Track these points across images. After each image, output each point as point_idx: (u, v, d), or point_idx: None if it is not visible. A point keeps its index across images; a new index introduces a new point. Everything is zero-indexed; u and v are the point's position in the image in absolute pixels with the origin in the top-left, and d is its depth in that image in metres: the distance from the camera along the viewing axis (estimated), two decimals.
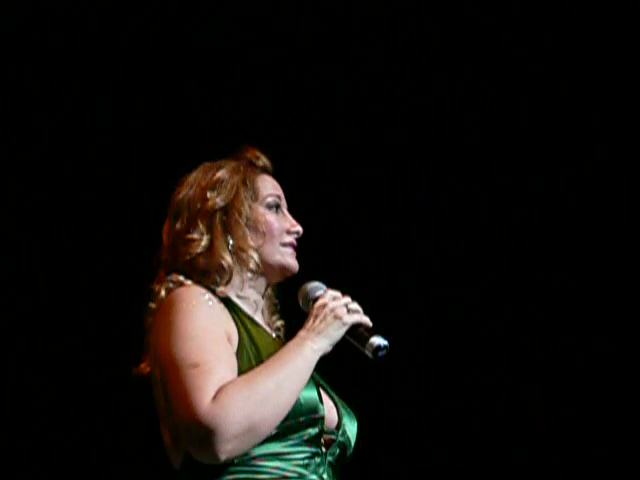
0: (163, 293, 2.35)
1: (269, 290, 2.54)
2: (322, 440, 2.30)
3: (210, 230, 2.41)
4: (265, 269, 2.45)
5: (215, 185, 2.45)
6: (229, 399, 2.14)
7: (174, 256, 2.42)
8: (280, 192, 2.53)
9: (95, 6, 4.13)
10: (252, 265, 2.41)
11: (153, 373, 2.32)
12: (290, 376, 2.22)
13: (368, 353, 2.30)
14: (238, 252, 2.40)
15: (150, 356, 2.33)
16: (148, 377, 2.38)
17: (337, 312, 2.33)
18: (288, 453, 2.24)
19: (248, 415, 2.14)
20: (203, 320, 2.26)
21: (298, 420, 2.24)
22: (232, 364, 2.23)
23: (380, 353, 2.30)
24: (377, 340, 2.30)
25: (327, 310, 2.33)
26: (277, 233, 2.46)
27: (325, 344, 2.30)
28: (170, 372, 2.20)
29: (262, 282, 2.48)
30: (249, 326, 2.35)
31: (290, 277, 2.51)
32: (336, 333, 2.31)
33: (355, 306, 2.37)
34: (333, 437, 2.33)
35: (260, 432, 2.17)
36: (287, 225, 2.49)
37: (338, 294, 2.38)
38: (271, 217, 2.47)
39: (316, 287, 2.44)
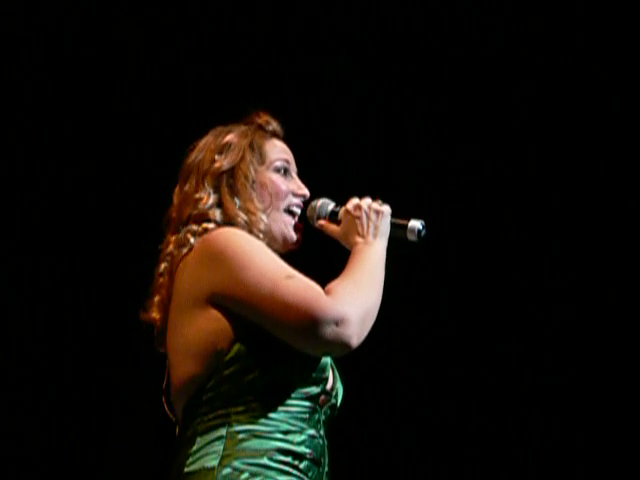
0: (192, 239, 2.37)
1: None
2: (320, 399, 2.34)
3: (218, 191, 2.46)
4: (270, 236, 2.48)
5: (223, 148, 2.50)
6: (344, 291, 2.25)
7: (183, 214, 2.45)
8: (289, 156, 2.57)
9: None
10: (262, 226, 2.45)
11: (187, 306, 2.31)
12: (377, 269, 2.37)
13: (412, 237, 2.48)
14: (247, 213, 2.44)
15: (186, 293, 2.33)
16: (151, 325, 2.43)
17: (374, 207, 2.47)
18: (293, 406, 2.29)
19: (364, 301, 2.27)
20: (263, 246, 2.34)
21: (310, 376, 2.30)
22: None
23: (422, 234, 2.48)
24: (416, 223, 2.48)
25: (366, 209, 2.46)
26: (283, 195, 2.50)
27: (385, 241, 2.45)
28: (265, 292, 2.23)
29: (272, 243, 2.49)
30: None
31: (292, 250, 2.54)
32: (386, 227, 2.46)
33: (379, 200, 2.50)
34: (328, 398, 2.37)
35: (373, 316, 2.29)
36: (294, 187, 2.54)
37: (356, 198, 2.50)
38: (278, 180, 2.51)
39: (325, 202, 2.56)
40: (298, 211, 2.53)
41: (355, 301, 2.24)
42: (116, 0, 4.21)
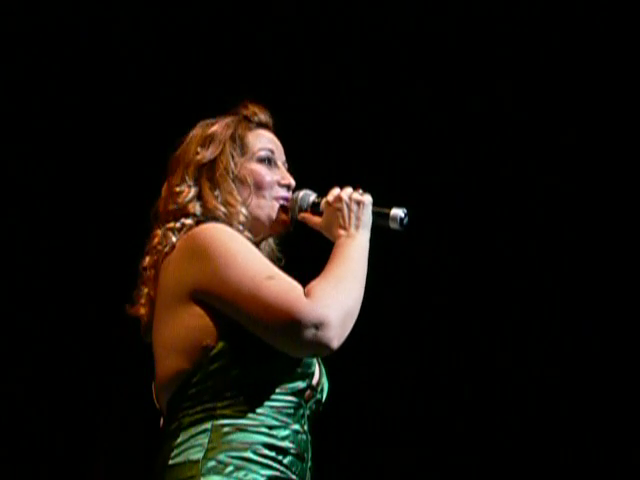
0: (173, 238, 2.38)
1: (267, 245, 2.59)
2: (305, 394, 2.35)
3: (198, 183, 2.46)
4: (255, 223, 2.49)
5: (205, 140, 2.51)
6: (323, 291, 2.24)
7: (165, 207, 2.47)
8: (274, 146, 2.56)
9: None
10: (242, 218, 2.44)
11: (170, 302, 2.32)
12: (359, 265, 2.35)
13: (394, 225, 2.47)
14: (227, 205, 2.44)
15: (169, 288, 2.34)
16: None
17: (355, 197, 2.45)
18: (278, 400, 2.29)
19: (344, 301, 2.25)
20: (247, 243, 2.33)
21: (296, 371, 2.31)
22: None
23: (405, 222, 2.46)
24: (398, 211, 2.46)
25: (346, 200, 2.45)
26: (267, 186, 2.50)
27: (367, 232, 2.44)
28: (246, 291, 2.23)
29: (255, 235, 2.50)
30: None
31: (284, 233, 2.56)
32: (368, 218, 2.44)
33: (360, 190, 2.49)
34: (313, 393, 2.38)
35: (354, 316, 2.28)
36: (278, 177, 2.53)
37: (337, 188, 2.49)
38: (261, 170, 2.51)
39: (307, 194, 2.53)
40: (283, 201, 2.52)
41: (335, 302, 2.22)
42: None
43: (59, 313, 4.23)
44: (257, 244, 2.52)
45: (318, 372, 2.41)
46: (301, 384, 2.33)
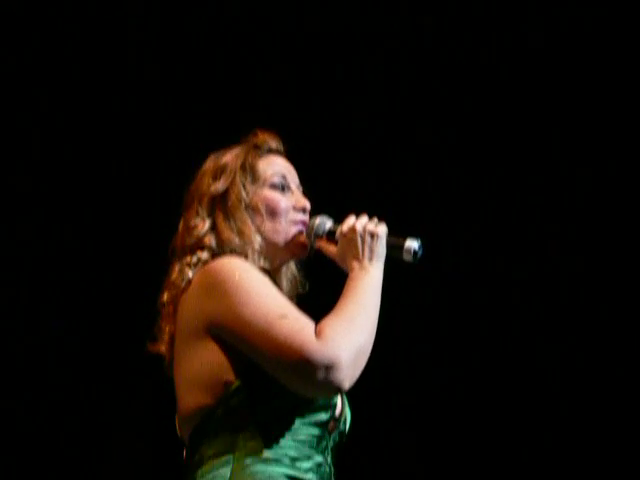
0: (189, 272, 2.38)
1: (288, 272, 2.59)
2: (328, 426, 2.34)
3: (212, 216, 2.47)
4: (273, 249, 2.48)
5: (217, 172, 2.51)
6: (334, 332, 2.21)
7: (182, 242, 2.47)
8: (286, 171, 2.56)
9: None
10: (256, 246, 2.44)
11: (188, 337, 2.32)
12: (372, 300, 2.33)
13: (407, 257, 2.44)
14: (241, 235, 2.44)
15: (187, 324, 2.34)
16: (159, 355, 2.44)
17: (370, 229, 2.44)
18: (300, 432, 2.28)
19: (356, 341, 2.23)
20: (261, 279, 2.31)
21: (318, 403, 2.29)
22: None
23: (418, 254, 2.43)
24: (412, 243, 2.43)
25: (360, 231, 2.43)
26: (282, 212, 2.49)
27: (381, 264, 2.42)
28: (258, 329, 2.22)
29: (273, 262, 2.50)
30: None
31: (304, 257, 2.55)
32: (382, 249, 2.42)
33: (375, 219, 2.47)
34: (336, 424, 2.37)
35: (367, 353, 2.27)
36: (292, 202, 2.52)
37: (353, 217, 2.48)
38: (275, 196, 2.50)
39: (323, 220, 2.52)
40: (300, 225, 2.51)
41: (347, 342, 2.20)
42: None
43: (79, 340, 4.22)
44: (276, 270, 2.53)
45: (341, 403, 2.39)
46: (324, 415, 2.31)
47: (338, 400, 2.36)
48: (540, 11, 4.19)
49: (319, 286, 2.55)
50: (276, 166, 2.55)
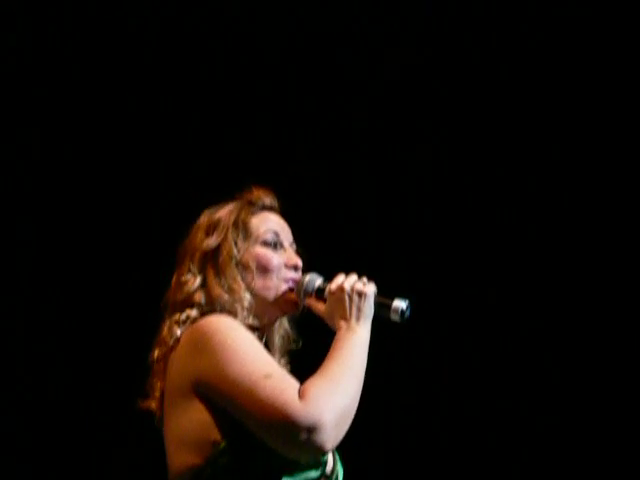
0: (178, 331, 2.39)
1: (281, 328, 2.59)
2: None
3: (203, 271, 2.47)
4: (263, 306, 2.49)
5: (209, 228, 2.52)
6: (318, 393, 2.21)
7: (173, 298, 2.48)
8: (279, 228, 2.56)
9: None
10: (246, 304, 2.45)
11: (176, 396, 2.33)
12: (358, 361, 2.33)
13: (395, 317, 2.44)
14: (230, 292, 2.44)
15: (175, 382, 2.34)
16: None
17: (358, 288, 2.44)
18: None
19: (339, 403, 2.23)
20: (249, 338, 2.32)
21: (307, 462, 2.28)
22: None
23: (406, 314, 2.43)
24: (400, 303, 2.44)
25: (348, 291, 2.43)
26: (273, 269, 2.50)
27: (368, 324, 2.42)
28: (243, 389, 2.23)
29: (263, 319, 2.50)
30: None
31: (294, 314, 2.56)
32: (369, 310, 2.42)
33: (364, 278, 2.47)
34: None
35: (351, 415, 2.26)
36: (284, 259, 2.52)
37: (342, 275, 2.48)
38: (266, 253, 2.51)
39: (313, 278, 2.52)
40: (291, 283, 2.51)
41: (330, 404, 2.20)
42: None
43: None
44: (268, 327, 2.53)
45: (332, 460, 2.38)
46: (314, 474, 2.30)
47: (329, 457, 2.34)
48: (538, 14, 4.22)
49: (311, 342, 2.55)
50: (269, 223, 2.56)
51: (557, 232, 4.32)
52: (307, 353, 2.53)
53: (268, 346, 2.57)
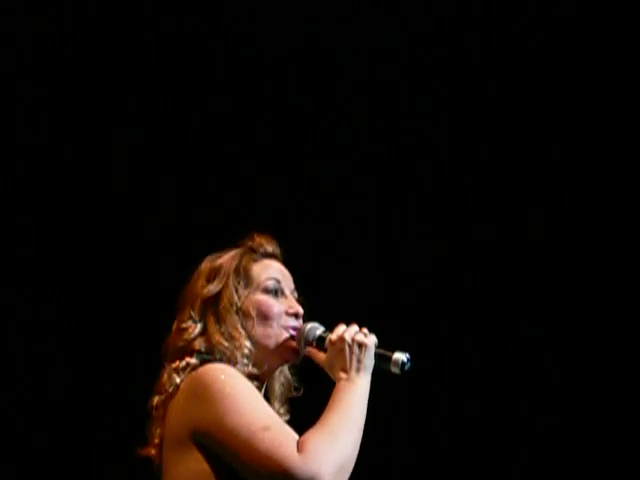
0: (177, 378, 2.38)
1: (281, 376, 2.58)
2: None
3: (203, 318, 2.47)
4: (263, 354, 2.47)
5: (210, 274, 2.51)
6: (316, 446, 2.21)
7: (174, 344, 2.48)
8: (280, 275, 2.55)
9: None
10: (246, 351, 2.43)
11: (175, 446, 2.32)
12: (356, 412, 2.32)
13: (396, 370, 2.42)
14: (230, 340, 2.43)
15: (174, 431, 2.34)
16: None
17: (359, 340, 2.42)
18: None
19: (337, 455, 2.23)
20: (248, 388, 2.32)
21: None
22: None
23: (406, 367, 2.41)
24: (400, 356, 2.42)
25: (349, 341, 2.42)
26: (274, 316, 2.48)
27: (368, 375, 2.40)
28: (240, 440, 2.22)
29: (263, 366, 2.49)
30: None
31: (294, 362, 2.55)
32: (370, 361, 2.41)
33: (365, 329, 2.46)
34: None
35: (349, 468, 2.27)
36: (285, 307, 2.51)
37: (343, 325, 2.47)
38: (267, 301, 2.50)
39: (314, 327, 2.51)
40: (292, 330, 2.50)
41: (328, 457, 2.20)
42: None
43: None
44: (268, 374, 2.51)
45: None
46: None
47: None
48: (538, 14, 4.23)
49: (312, 390, 2.54)
50: (270, 270, 2.54)
51: (557, 232, 4.31)
52: (309, 401, 2.52)
53: (268, 394, 2.56)
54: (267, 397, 2.53)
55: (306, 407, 2.48)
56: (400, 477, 4.30)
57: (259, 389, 2.46)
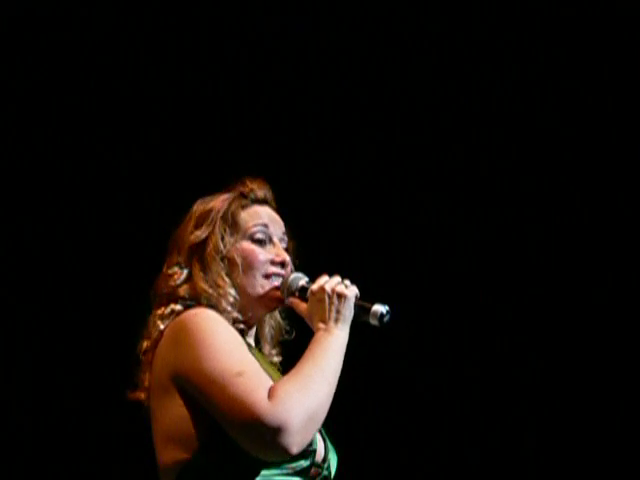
0: (161, 325, 2.38)
1: (271, 319, 2.58)
2: (310, 472, 2.33)
3: (189, 264, 2.46)
4: (247, 302, 2.46)
5: (199, 220, 2.50)
6: (287, 395, 2.20)
7: (160, 290, 2.47)
8: (270, 222, 2.52)
9: None
10: (230, 299, 2.43)
11: (159, 391, 2.34)
12: (332, 364, 2.31)
13: (374, 322, 2.40)
14: (215, 287, 2.42)
15: (157, 377, 2.34)
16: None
17: (339, 290, 2.39)
18: None
19: (308, 406, 2.21)
20: (227, 334, 2.31)
21: (276, 461, 2.26)
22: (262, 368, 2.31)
23: (385, 319, 2.39)
24: (380, 307, 2.40)
25: (329, 292, 2.39)
26: (258, 265, 2.46)
27: (347, 327, 2.39)
28: (214, 385, 2.23)
29: (247, 314, 2.48)
30: (248, 346, 2.38)
31: (277, 309, 2.55)
32: (349, 313, 2.39)
33: (347, 281, 2.44)
34: (319, 470, 2.36)
35: (320, 420, 2.26)
36: (271, 256, 2.49)
37: (326, 276, 2.45)
38: (253, 249, 2.48)
39: (297, 277, 2.49)
40: (276, 280, 2.48)
41: (298, 406, 2.19)
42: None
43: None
44: (251, 322, 2.50)
45: (323, 448, 2.39)
46: (304, 463, 2.30)
47: (318, 446, 2.34)
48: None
49: (306, 333, 2.52)
50: (258, 217, 2.52)
51: (556, 232, 4.31)
52: (302, 343, 2.50)
53: (258, 337, 2.56)
54: (256, 342, 2.54)
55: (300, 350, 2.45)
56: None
57: (245, 333, 2.47)
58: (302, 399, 2.20)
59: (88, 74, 4.24)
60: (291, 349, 2.58)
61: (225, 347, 2.27)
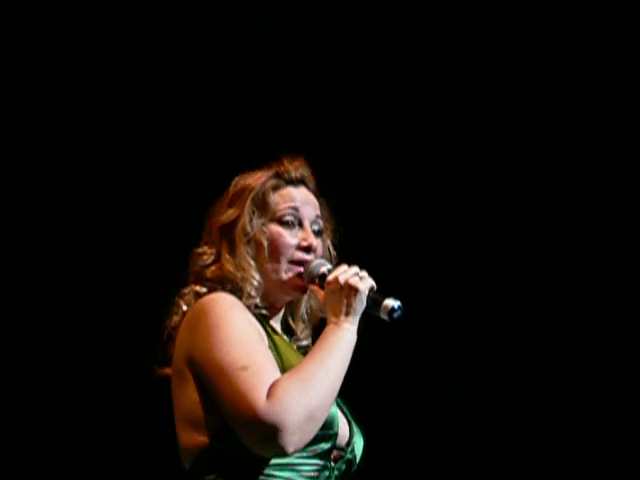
0: (184, 306, 2.38)
1: (311, 301, 2.54)
2: (332, 455, 2.32)
3: (218, 244, 2.44)
4: (271, 287, 2.44)
5: (233, 198, 2.47)
6: (285, 393, 2.16)
7: (191, 268, 2.46)
8: (301, 204, 2.46)
9: None
10: (255, 283, 2.40)
11: (177, 374, 2.33)
12: (337, 361, 2.26)
13: (384, 316, 2.35)
14: (240, 270, 2.40)
15: (176, 359, 2.34)
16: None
17: (352, 283, 2.33)
18: (300, 464, 2.26)
19: (306, 405, 2.17)
20: (241, 323, 2.28)
21: (316, 434, 2.24)
22: (274, 362, 2.27)
23: (395, 314, 2.34)
24: (391, 302, 2.34)
25: (342, 284, 2.33)
26: (283, 249, 2.42)
27: (356, 320, 2.33)
28: (220, 376, 2.21)
29: (269, 299, 2.46)
30: (270, 332, 2.38)
31: (299, 297, 2.52)
32: (360, 306, 2.33)
33: (363, 273, 2.38)
34: (342, 453, 2.35)
35: (320, 418, 2.21)
36: (297, 240, 2.44)
37: (345, 266, 2.40)
38: (279, 232, 2.43)
39: (319, 264, 2.44)
40: (300, 265, 2.43)
41: (296, 405, 2.15)
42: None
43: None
44: (276, 307, 2.48)
45: (348, 431, 2.37)
46: (324, 445, 2.28)
47: (340, 430, 2.32)
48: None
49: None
50: (289, 199, 2.46)
51: (555, 232, 4.27)
52: None
53: (292, 316, 2.55)
54: (289, 321, 2.53)
55: None
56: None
57: (269, 317, 2.45)
58: (301, 398, 2.16)
59: (88, 74, 4.25)
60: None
61: (235, 337, 2.24)
